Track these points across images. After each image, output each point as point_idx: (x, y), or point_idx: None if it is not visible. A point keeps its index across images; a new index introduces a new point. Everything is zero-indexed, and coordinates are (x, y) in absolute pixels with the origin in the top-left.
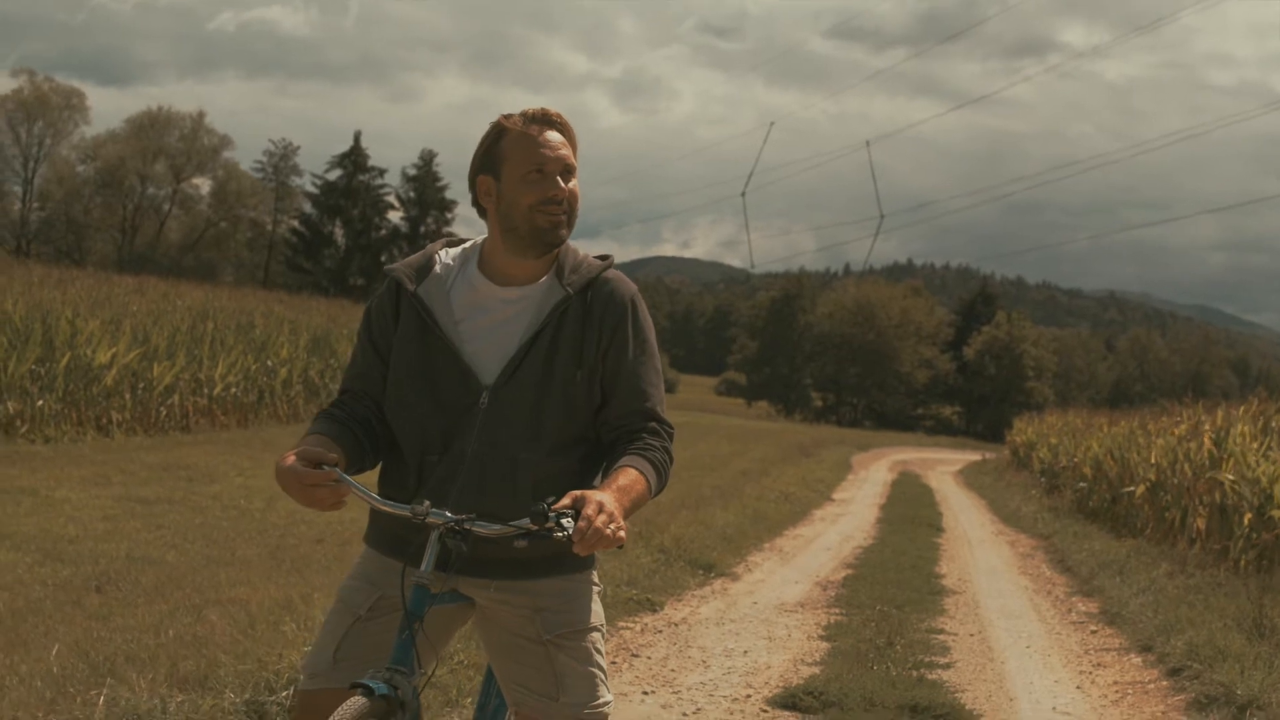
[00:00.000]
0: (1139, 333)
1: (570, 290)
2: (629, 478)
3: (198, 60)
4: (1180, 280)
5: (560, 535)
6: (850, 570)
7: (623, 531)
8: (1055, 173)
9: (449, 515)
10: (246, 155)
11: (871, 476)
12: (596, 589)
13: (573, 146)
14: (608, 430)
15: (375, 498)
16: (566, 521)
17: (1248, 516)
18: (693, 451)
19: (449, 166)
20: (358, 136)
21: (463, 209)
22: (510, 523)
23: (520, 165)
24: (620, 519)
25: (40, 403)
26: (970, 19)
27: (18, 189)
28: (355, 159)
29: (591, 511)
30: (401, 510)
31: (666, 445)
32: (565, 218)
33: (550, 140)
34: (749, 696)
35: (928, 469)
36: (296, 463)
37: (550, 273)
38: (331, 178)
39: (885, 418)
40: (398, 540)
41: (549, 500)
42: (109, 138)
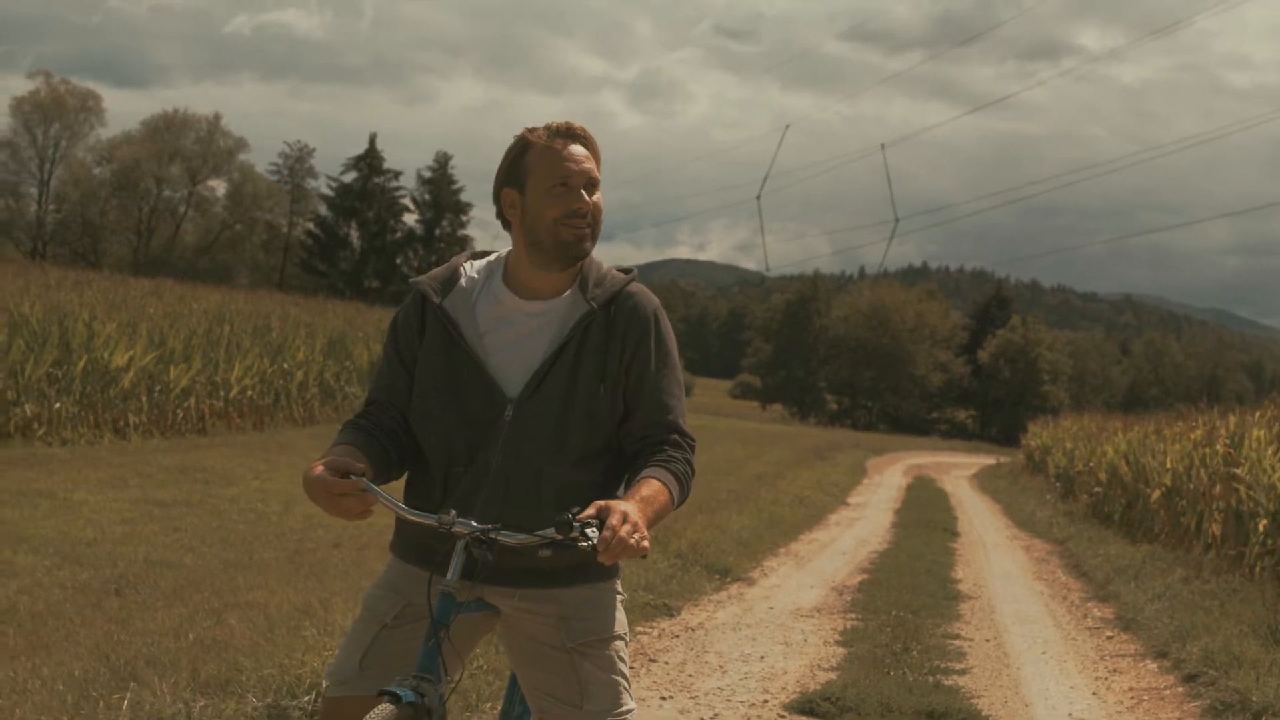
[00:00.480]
0: (1154, 336)
1: (594, 304)
2: (652, 489)
3: (213, 63)
4: (1195, 284)
5: (585, 545)
6: (866, 575)
7: (646, 541)
8: (1071, 176)
9: (475, 524)
10: (262, 158)
11: (886, 480)
12: (620, 598)
13: (596, 160)
14: (630, 442)
15: (402, 507)
16: (591, 531)
17: (1263, 522)
18: (708, 455)
19: (464, 169)
20: (373, 139)
21: (477, 212)
22: (535, 532)
23: (545, 179)
24: (644, 529)
25: (58, 405)
26: (986, 22)
27: (34, 191)
28: (370, 161)
29: (616, 521)
30: (428, 519)
31: (688, 457)
32: (590, 231)
33: (574, 154)
34: (766, 702)
35: (942, 473)
36: (325, 472)
37: (574, 286)
38: (347, 180)
39: (900, 421)
40: (424, 549)
41: (574, 510)
42: (125, 140)
